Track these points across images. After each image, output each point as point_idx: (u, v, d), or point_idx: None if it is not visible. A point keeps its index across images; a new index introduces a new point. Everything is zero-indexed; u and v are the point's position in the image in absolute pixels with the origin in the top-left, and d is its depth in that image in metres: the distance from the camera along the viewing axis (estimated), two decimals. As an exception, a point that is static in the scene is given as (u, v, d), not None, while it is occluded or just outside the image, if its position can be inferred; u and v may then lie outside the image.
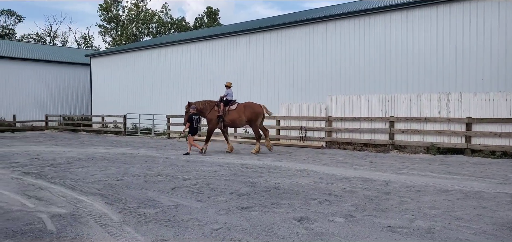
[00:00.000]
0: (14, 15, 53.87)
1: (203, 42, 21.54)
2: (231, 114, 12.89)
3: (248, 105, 12.93)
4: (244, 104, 13.07)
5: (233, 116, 12.86)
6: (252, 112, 12.71)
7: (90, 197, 6.56)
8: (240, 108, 12.87)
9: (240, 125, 13.28)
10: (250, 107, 12.81)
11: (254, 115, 12.71)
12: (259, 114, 12.79)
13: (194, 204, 6.09)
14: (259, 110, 12.81)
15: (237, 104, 13.08)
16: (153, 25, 53.66)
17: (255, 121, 12.76)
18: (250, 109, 12.76)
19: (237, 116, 12.82)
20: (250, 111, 12.72)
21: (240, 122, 12.99)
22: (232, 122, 13.01)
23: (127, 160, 11.22)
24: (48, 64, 29.51)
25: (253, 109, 12.76)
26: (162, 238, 4.59)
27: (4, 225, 5.04)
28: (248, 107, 12.84)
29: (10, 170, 9.48)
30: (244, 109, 12.81)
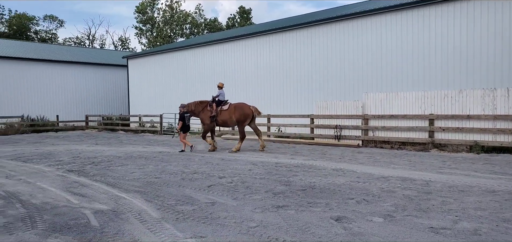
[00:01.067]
0: (56, 20, 56.53)
1: (235, 42, 21.67)
2: (223, 114, 13.26)
3: (238, 106, 13.26)
4: (235, 104, 13.43)
5: (225, 117, 13.22)
6: (241, 113, 13.04)
7: (130, 194, 6.75)
8: (231, 108, 13.23)
9: (231, 125, 13.54)
10: (240, 108, 13.15)
11: (243, 116, 13.05)
12: (248, 115, 13.11)
13: (230, 202, 6.13)
14: (248, 111, 13.13)
15: (229, 105, 13.42)
16: (187, 26, 54.65)
17: (243, 122, 13.10)
18: (240, 110, 13.09)
19: (228, 117, 13.17)
20: (239, 112, 13.06)
21: (231, 122, 13.31)
22: (224, 122, 13.36)
23: (164, 158, 11.48)
24: (88, 66, 30.75)
25: (243, 111, 13.09)
26: (200, 234, 4.65)
27: (52, 219, 5.28)
28: (238, 108, 13.18)
29: (55, 168, 9.93)
30: (234, 109, 13.15)
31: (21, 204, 6.17)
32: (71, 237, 4.59)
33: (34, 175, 8.94)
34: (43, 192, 7.06)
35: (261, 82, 20.29)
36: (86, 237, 4.56)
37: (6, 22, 50.56)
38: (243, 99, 21.04)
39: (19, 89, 26.86)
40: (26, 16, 51.93)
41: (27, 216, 5.45)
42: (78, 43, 56.66)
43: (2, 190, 7.23)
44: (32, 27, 53.13)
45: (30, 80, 27.42)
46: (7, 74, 26.34)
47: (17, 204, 6.14)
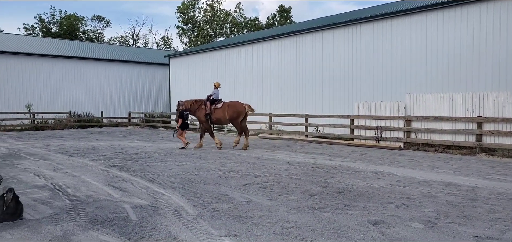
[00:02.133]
0: (103, 20, 59.09)
1: (275, 41, 21.62)
2: (217, 112, 13.75)
3: (231, 104, 13.75)
4: (228, 103, 13.86)
5: (219, 115, 13.71)
6: (234, 111, 13.52)
7: (168, 190, 6.90)
8: (224, 107, 13.69)
9: (225, 123, 14.13)
10: (233, 106, 13.64)
11: (236, 113, 13.52)
12: (241, 113, 13.57)
13: (265, 202, 6.10)
14: (240, 109, 13.60)
15: (222, 103, 13.88)
16: (227, 26, 55.26)
17: (236, 119, 13.57)
18: (233, 108, 13.59)
19: (222, 115, 13.64)
20: (232, 110, 13.53)
21: (225, 120, 13.82)
22: (218, 120, 13.89)
23: (202, 155, 11.66)
24: (131, 65, 31.90)
25: (235, 108, 13.58)
26: (234, 233, 4.66)
27: (94, 212, 5.50)
28: (231, 106, 13.67)
29: (99, 163, 10.36)
30: (227, 108, 13.62)
31: (66, 196, 6.48)
32: (111, 230, 4.74)
33: (79, 168, 9.37)
34: (87, 185, 7.38)
35: (300, 81, 20.13)
36: (125, 231, 4.70)
37: (58, 23, 53.45)
38: (282, 99, 20.99)
39: (68, 86, 28.34)
40: (75, 16, 54.65)
41: (71, 208, 5.70)
42: (123, 42, 58.93)
43: (50, 182, 7.62)
44: (81, 27, 55.83)
45: (77, 77, 28.85)
46: (57, 71, 27.86)
47: (63, 196, 6.45)
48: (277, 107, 20.90)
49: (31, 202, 5.94)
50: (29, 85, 26.57)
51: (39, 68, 27.10)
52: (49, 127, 24.94)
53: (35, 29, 52.96)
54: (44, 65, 27.34)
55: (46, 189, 7.03)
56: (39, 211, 5.54)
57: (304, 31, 19.93)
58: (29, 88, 26.48)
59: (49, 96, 27.30)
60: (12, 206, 4.98)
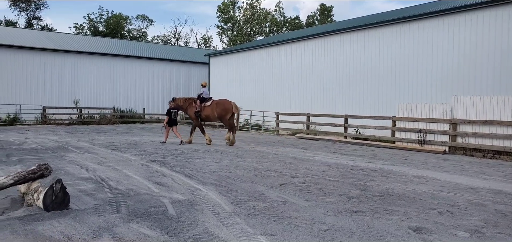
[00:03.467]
0: (147, 19, 61.06)
1: (315, 40, 21.37)
2: (206, 110, 14.38)
3: (219, 102, 14.41)
4: (217, 101, 14.55)
5: (208, 112, 14.34)
6: (222, 109, 14.15)
7: (205, 187, 6.99)
8: (213, 105, 14.32)
9: (214, 120, 14.75)
10: (221, 104, 14.29)
11: (224, 111, 14.14)
12: (228, 111, 14.16)
13: (301, 202, 6.03)
14: (228, 107, 14.20)
15: (211, 101, 14.48)
16: (266, 25, 55.35)
17: (224, 116, 14.18)
18: (221, 106, 14.23)
19: (211, 112, 14.28)
20: (220, 108, 14.17)
21: (213, 118, 14.45)
22: (207, 117, 14.53)
23: (239, 153, 11.73)
24: (173, 63, 32.73)
25: (223, 106, 14.21)
26: (270, 232, 4.64)
27: (135, 205, 5.67)
28: (219, 104, 14.31)
29: (140, 157, 10.69)
30: (216, 106, 14.26)
31: (109, 189, 6.73)
32: (150, 223, 4.87)
33: (121, 163, 9.71)
34: (128, 179, 7.63)
35: (339, 81, 19.78)
36: (163, 225, 4.80)
37: (105, 22, 55.82)
38: (321, 99, 20.72)
39: (112, 83, 29.52)
40: (121, 16, 56.83)
41: (113, 201, 5.91)
42: (165, 41, 60.57)
43: (94, 175, 7.95)
44: (126, 26, 57.98)
45: (121, 74, 29.97)
46: (103, 69, 29.11)
47: (106, 189, 6.70)
48: (315, 107, 20.66)
49: (77, 193, 6.22)
50: (77, 82, 27.93)
51: (86, 65, 28.43)
52: (94, 122, 26.10)
53: (84, 28, 55.62)
54: (91, 62, 28.64)
55: (91, 181, 7.34)
56: (84, 202, 5.79)
57: (345, 30, 19.55)
58: (77, 84, 27.83)
59: (95, 93, 28.55)
60: (60, 196, 5.24)
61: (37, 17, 55.33)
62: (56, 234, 4.39)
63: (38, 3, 54.64)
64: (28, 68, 25.98)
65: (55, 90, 27.01)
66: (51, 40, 29.76)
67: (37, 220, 4.86)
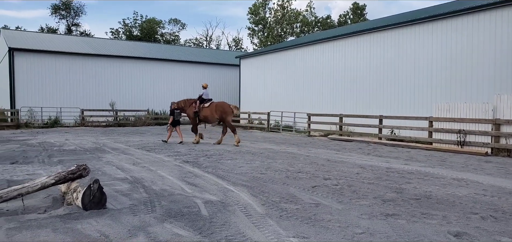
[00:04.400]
0: (179, 23, 62.31)
1: (347, 39, 21.03)
2: (204, 111, 14.72)
3: (219, 105, 14.73)
4: (216, 103, 14.85)
5: (206, 113, 14.68)
6: (222, 111, 14.48)
7: (237, 188, 7.01)
8: (212, 106, 14.66)
9: (212, 121, 14.89)
10: (221, 107, 14.61)
11: (224, 113, 14.46)
12: (228, 113, 14.50)
13: (335, 205, 5.92)
14: (227, 109, 14.52)
15: (210, 103, 14.80)
16: (297, 25, 55.05)
17: (225, 118, 14.48)
18: (221, 108, 14.55)
19: (210, 113, 14.62)
20: (220, 110, 14.50)
21: (212, 119, 14.71)
22: (205, 118, 14.81)
23: (270, 155, 11.70)
24: (204, 65, 33.21)
25: (223, 109, 14.54)
26: (303, 235, 4.57)
27: (169, 206, 5.76)
28: (219, 106, 14.65)
29: (173, 158, 10.87)
30: (215, 107, 14.60)
31: (144, 189, 6.87)
32: (184, 223, 4.92)
33: (156, 163, 9.92)
34: (162, 179, 7.77)
35: (373, 80, 19.36)
36: (196, 226, 4.84)
37: (139, 27, 57.43)
38: (354, 99, 20.35)
39: (146, 86, 30.30)
40: (154, 20, 58.29)
41: (148, 201, 6.03)
42: (197, 44, 61.53)
43: (130, 176, 8.16)
44: (159, 30, 59.38)
45: (155, 77, 30.70)
46: (137, 72, 29.91)
47: (141, 189, 6.85)
48: (348, 107, 20.31)
49: (113, 193, 6.39)
50: (113, 85, 28.87)
51: (122, 69, 29.34)
52: (129, 124, 26.85)
53: (119, 33, 57.46)
54: (126, 66, 29.53)
55: (126, 181, 7.54)
56: (120, 201, 5.94)
57: (378, 29, 19.12)
58: (113, 87, 28.77)
59: (130, 95, 29.39)
60: (97, 196, 5.41)
61: (76, 23, 57.76)
62: (94, 233, 4.53)
63: (77, 10, 57.05)
64: (68, 72, 27.14)
65: (93, 93, 28.04)
66: (89, 45, 30.95)
67: (76, 218, 5.03)
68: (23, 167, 9.21)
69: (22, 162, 9.96)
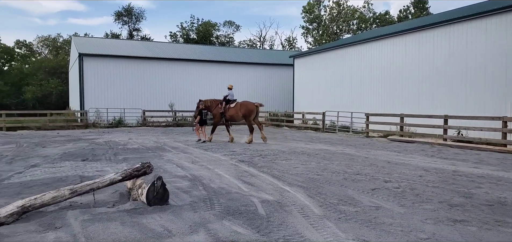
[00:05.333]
0: (233, 25, 63.41)
1: (407, 35, 20.10)
2: (230, 111, 15.27)
3: (243, 104, 15.36)
4: (241, 102, 15.45)
5: (232, 113, 15.24)
6: (246, 109, 15.10)
7: (293, 188, 6.96)
8: (237, 106, 15.25)
9: (238, 120, 15.56)
10: (245, 105, 15.25)
11: (248, 111, 15.08)
12: (252, 111, 15.14)
13: (396, 208, 5.68)
14: (251, 108, 15.18)
15: (235, 103, 15.35)
16: (354, 22, 53.66)
17: (248, 117, 15.15)
18: (245, 107, 15.19)
19: (235, 113, 15.18)
20: (244, 109, 15.11)
21: (237, 118, 15.30)
22: (231, 118, 15.37)
23: (326, 156, 11.50)
24: (257, 66, 33.51)
25: (247, 107, 15.18)
26: (363, 238, 4.44)
27: (227, 203, 5.87)
28: (243, 105, 15.27)
29: (229, 157, 11.07)
30: (240, 107, 15.20)
31: (203, 186, 7.07)
32: (242, 221, 4.98)
33: (213, 162, 10.16)
34: (220, 178, 7.94)
35: (436, 78, 18.33)
36: (254, 224, 4.88)
37: (196, 30, 59.29)
38: (416, 98, 19.43)
39: (202, 87, 31.13)
40: (210, 23, 59.84)
41: (207, 198, 6.19)
42: (251, 45, 62.22)
43: (189, 173, 8.43)
44: (214, 32, 60.86)
45: (210, 78, 31.49)
46: (193, 74, 30.91)
47: (200, 187, 7.05)
48: (409, 107, 19.40)
49: (174, 190, 6.64)
50: (172, 87, 30.04)
51: (179, 71, 30.46)
52: (187, 124, 27.77)
53: (177, 36, 59.73)
54: (183, 68, 30.61)
55: (186, 179, 7.80)
56: (181, 198, 6.16)
57: (444, 23, 18.02)
58: (171, 89, 29.94)
59: (187, 96, 30.38)
60: (160, 193, 5.65)
61: (137, 28, 60.91)
62: (158, 227, 4.73)
63: (137, 16, 60.16)
64: (130, 75, 28.70)
65: (153, 94, 29.39)
66: (149, 49, 32.50)
67: (141, 213, 5.29)
68: (92, 164, 9.87)
69: (91, 160, 10.68)
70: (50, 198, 5.32)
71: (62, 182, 7.39)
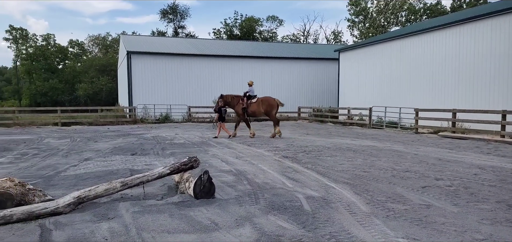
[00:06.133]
0: (276, 20, 63.23)
1: (461, 26, 19.02)
2: (252, 106, 15.68)
3: (264, 99, 15.81)
4: (262, 98, 15.92)
5: (254, 108, 15.68)
6: (268, 105, 15.59)
7: (339, 185, 6.85)
8: (259, 101, 15.67)
9: (259, 115, 16.08)
10: (266, 101, 15.73)
11: (270, 107, 15.58)
12: (273, 106, 15.60)
13: (449, 207, 5.42)
14: (273, 103, 15.62)
15: (257, 98, 15.77)
16: (403, 14, 51.63)
17: (270, 112, 15.61)
18: (266, 102, 15.66)
19: (257, 108, 15.65)
20: (266, 104, 15.60)
21: (259, 113, 15.78)
22: (253, 113, 15.84)
23: (373, 152, 11.20)
24: (301, 61, 33.15)
25: (268, 102, 15.65)
26: (413, 237, 4.29)
27: (271, 198, 5.88)
28: (264, 100, 15.74)
29: (273, 153, 11.08)
30: (261, 102, 15.66)
31: (247, 181, 7.14)
32: (287, 217, 4.98)
33: (256, 157, 10.22)
34: (264, 173, 7.97)
35: (494, 71, 17.22)
36: (299, 220, 4.86)
37: (239, 26, 59.81)
38: (470, 92, 18.42)
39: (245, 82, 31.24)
40: (253, 19, 60.11)
41: (252, 193, 6.24)
42: (294, 39, 61.78)
43: (234, 168, 8.55)
44: (257, 28, 61.05)
45: (253, 74, 31.53)
46: (237, 69, 31.17)
47: (245, 181, 7.13)
48: (462, 102, 18.41)
49: (220, 184, 6.76)
50: (215, 83, 30.51)
51: (222, 67, 30.86)
52: (230, 120, 28.14)
53: (221, 33, 60.59)
54: (226, 64, 30.98)
55: (231, 174, 7.91)
56: (226, 192, 6.26)
57: (502, 12, 16.84)
58: (215, 85, 30.41)
59: (231, 92, 30.66)
60: (207, 186, 5.77)
61: (182, 26, 62.44)
62: (205, 220, 4.84)
63: (182, 14, 61.68)
64: (175, 71, 29.50)
65: (197, 91, 30.02)
66: (193, 46, 33.22)
67: (189, 206, 5.43)
68: (141, 158, 10.28)
69: (140, 154, 11.12)
70: (103, 190, 5.60)
71: (114, 175, 7.75)
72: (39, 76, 54.68)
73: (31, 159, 10.12)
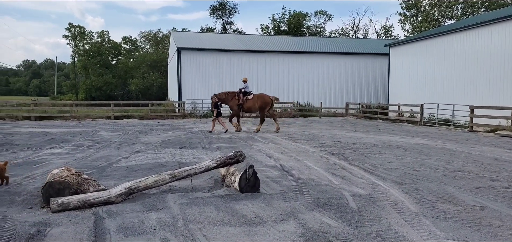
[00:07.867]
0: (325, 15, 62.27)
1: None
2: (248, 102, 16.19)
3: (260, 96, 16.47)
4: (257, 95, 16.56)
5: (249, 104, 16.19)
6: (263, 101, 16.23)
7: (387, 183, 6.69)
8: (254, 98, 16.25)
9: (254, 111, 16.70)
10: (262, 97, 16.38)
11: (264, 103, 16.22)
12: (268, 103, 16.29)
13: (505, 210, 5.14)
14: (268, 100, 16.32)
15: (252, 95, 16.35)
16: (458, 7, 48.85)
17: (264, 108, 16.29)
18: (261, 99, 16.32)
19: (252, 104, 16.17)
20: (261, 101, 16.22)
21: (254, 109, 16.41)
22: (248, 109, 16.38)
23: (424, 151, 10.78)
24: (349, 56, 32.40)
25: (263, 99, 16.31)
26: (464, 239, 4.14)
27: (316, 195, 5.88)
28: (260, 97, 16.38)
29: (319, 149, 11.00)
30: (257, 99, 16.24)
31: (292, 177, 7.17)
32: (332, 214, 4.96)
33: (302, 153, 10.20)
34: (309, 169, 7.96)
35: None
36: (345, 217, 4.83)
37: (287, 21, 59.59)
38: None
39: (292, 78, 31.24)
40: (301, 14, 59.59)
41: (297, 188, 6.27)
42: (343, 34, 60.53)
43: (278, 163, 8.61)
44: (305, 23, 60.45)
45: (300, 70, 31.41)
46: (284, 65, 31.12)
47: (289, 177, 7.17)
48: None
49: (264, 179, 6.85)
50: (262, 78, 30.66)
51: (269, 62, 30.93)
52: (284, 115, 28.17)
53: (268, 28, 60.70)
54: (273, 60, 31.01)
55: (276, 169, 7.97)
56: (271, 187, 6.33)
57: None
58: (262, 81, 30.55)
59: (277, 88, 30.74)
60: (252, 181, 5.89)
61: (230, 22, 63.28)
62: (250, 214, 4.95)
63: (231, 10, 62.49)
64: (223, 67, 29.99)
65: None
66: (240, 42, 33.59)
67: (234, 199, 5.57)
68: (189, 151, 10.63)
69: (188, 147, 11.49)
70: (153, 181, 5.88)
71: (163, 167, 8.09)
72: (94, 71, 57.82)
73: (86, 150, 10.79)
